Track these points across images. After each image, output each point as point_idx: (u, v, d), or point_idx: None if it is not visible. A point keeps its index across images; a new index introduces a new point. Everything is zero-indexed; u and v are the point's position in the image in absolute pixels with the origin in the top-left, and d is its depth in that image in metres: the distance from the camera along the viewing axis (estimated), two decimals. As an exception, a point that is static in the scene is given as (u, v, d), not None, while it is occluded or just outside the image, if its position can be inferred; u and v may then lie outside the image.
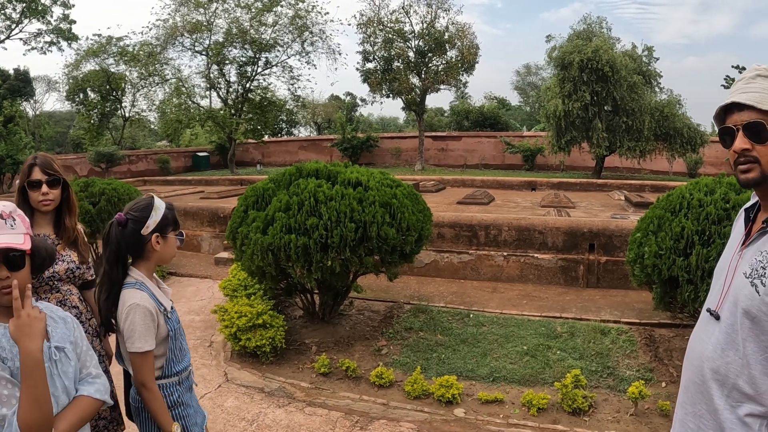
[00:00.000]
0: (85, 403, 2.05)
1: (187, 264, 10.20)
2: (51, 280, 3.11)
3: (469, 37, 29.34)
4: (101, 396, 2.11)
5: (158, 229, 2.57)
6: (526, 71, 62.93)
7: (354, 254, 5.52)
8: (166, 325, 2.57)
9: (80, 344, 2.15)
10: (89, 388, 2.08)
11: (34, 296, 3.04)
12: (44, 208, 3.14)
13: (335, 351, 6.02)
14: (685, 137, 23.14)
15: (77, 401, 2.03)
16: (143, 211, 2.57)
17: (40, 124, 48.64)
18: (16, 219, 2.00)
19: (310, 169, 6.15)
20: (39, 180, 3.10)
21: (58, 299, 3.15)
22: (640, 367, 5.48)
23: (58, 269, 3.13)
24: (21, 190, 3.13)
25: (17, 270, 1.94)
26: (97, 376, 2.15)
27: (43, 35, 33.77)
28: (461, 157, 32.90)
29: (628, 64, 22.74)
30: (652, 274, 5.09)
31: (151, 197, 2.65)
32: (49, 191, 3.12)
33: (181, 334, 2.71)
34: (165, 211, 2.61)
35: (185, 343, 2.77)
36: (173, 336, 2.61)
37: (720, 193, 4.94)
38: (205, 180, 22.68)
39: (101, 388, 2.12)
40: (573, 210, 12.57)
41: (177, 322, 2.69)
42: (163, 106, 31.33)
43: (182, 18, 28.91)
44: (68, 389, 2.00)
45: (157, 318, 2.52)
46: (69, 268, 3.18)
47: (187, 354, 2.76)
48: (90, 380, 2.12)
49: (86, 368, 2.13)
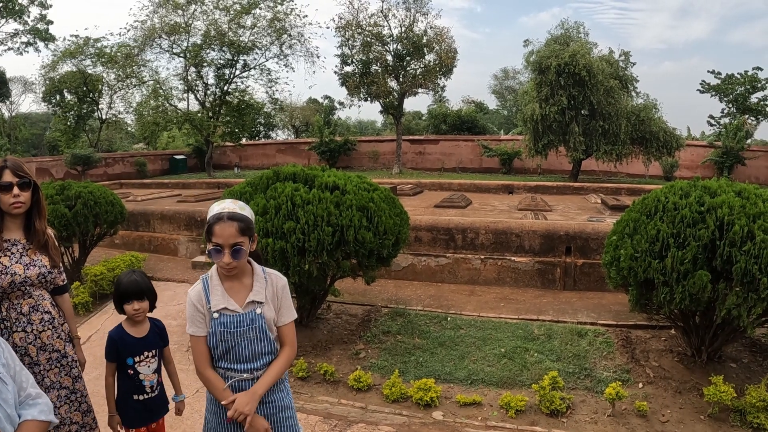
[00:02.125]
0: (32, 428, 1.96)
1: (164, 268, 10.12)
2: (23, 286, 3.07)
3: (447, 41, 29.49)
4: (46, 417, 2.03)
5: (204, 234, 2.71)
6: (503, 75, 63.36)
7: (331, 258, 5.51)
8: (210, 322, 2.67)
9: (12, 364, 2.05)
10: (32, 410, 1.99)
11: (6, 302, 3.01)
12: (15, 210, 3.08)
13: (313, 355, 6.01)
14: (661, 141, 23.37)
15: (23, 428, 1.93)
16: None
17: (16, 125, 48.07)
18: None
19: (287, 172, 6.13)
20: (10, 182, 3.04)
21: (30, 305, 3.11)
22: (617, 368, 5.53)
23: (30, 274, 3.09)
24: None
25: None
26: (37, 396, 2.07)
27: (20, 35, 33.52)
28: (439, 161, 32.96)
29: (605, 68, 22.94)
30: (628, 276, 5.13)
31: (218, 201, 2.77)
32: (20, 193, 3.07)
33: (238, 341, 2.69)
34: (209, 217, 2.67)
35: (247, 353, 2.71)
36: (213, 334, 2.67)
37: (695, 197, 5.00)
38: (182, 183, 22.52)
39: (45, 408, 2.03)
40: (550, 213, 12.63)
41: (231, 326, 2.67)
42: (140, 108, 31.02)
43: (160, 19, 28.66)
44: (11, 416, 1.89)
45: (203, 311, 2.66)
46: (41, 273, 3.14)
47: (247, 363, 2.72)
48: (31, 402, 2.02)
49: (24, 390, 2.03)
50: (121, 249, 11.35)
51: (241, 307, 2.68)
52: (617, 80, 23.56)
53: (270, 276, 2.81)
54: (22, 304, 3.07)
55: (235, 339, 2.66)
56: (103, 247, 10.92)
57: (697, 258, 4.64)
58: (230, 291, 2.68)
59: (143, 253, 10.19)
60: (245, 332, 2.67)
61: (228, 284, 2.69)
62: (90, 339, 6.59)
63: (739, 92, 36.52)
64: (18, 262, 3.06)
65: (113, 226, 9.34)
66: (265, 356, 2.75)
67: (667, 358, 5.73)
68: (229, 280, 2.70)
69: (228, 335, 2.65)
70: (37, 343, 3.08)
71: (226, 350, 2.67)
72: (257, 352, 2.72)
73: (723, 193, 4.99)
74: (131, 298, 3.35)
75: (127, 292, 3.35)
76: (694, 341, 5.53)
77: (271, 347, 2.77)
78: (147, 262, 9.97)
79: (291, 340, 2.84)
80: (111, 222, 9.09)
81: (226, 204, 2.69)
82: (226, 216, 2.62)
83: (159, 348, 3.50)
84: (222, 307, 2.65)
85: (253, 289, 2.73)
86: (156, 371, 3.43)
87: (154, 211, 12.01)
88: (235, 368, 2.69)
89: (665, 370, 5.46)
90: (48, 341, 3.15)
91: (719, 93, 37.77)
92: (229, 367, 2.69)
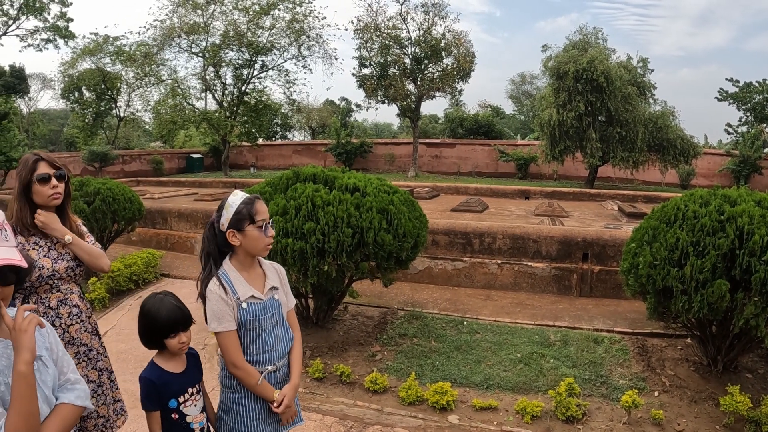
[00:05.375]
0: (66, 411, 1.98)
1: (180, 266, 10.18)
2: (51, 279, 3.10)
3: (465, 45, 29.49)
4: (82, 402, 2.04)
5: (232, 225, 2.68)
6: (521, 80, 63.21)
7: (350, 260, 5.53)
8: (237, 314, 2.69)
9: (55, 349, 2.08)
10: (69, 395, 2.01)
11: (34, 296, 3.05)
12: (54, 202, 3.13)
13: (329, 356, 6.03)
14: (678, 149, 23.29)
15: (59, 410, 1.96)
16: (218, 210, 2.75)
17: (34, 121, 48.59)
18: (7, 230, 1.94)
19: (307, 173, 6.15)
20: (48, 174, 3.09)
21: (59, 299, 3.14)
22: (633, 376, 5.51)
23: (59, 267, 3.12)
24: (25, 186, 3.09)
25: (7, 285, 1.89)
26: (76, 381, 2.09)
27: (40, 33, 33.78)
28: (455, 165, 32.96)
29: (623, 75, 22.88)
30: (647, 284, 5.12)
31: (229, 195, 2.78)
32: (58, 185, 3.12)
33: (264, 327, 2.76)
34: (239, 206, 2.69)
35: (271, 340, 2.80)
36: (243, 324, 2.70)
37: (715, 205, 4.98)
38: (198, 182, 22.64)
39: (81, 394, 2.05)
40: (566, 219, 12.61)
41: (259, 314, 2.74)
42: (158, 106, 31.25)
43: (179, 19, 28.92)
44: (48, 398, 1.93)
45: (231, 303, 2.67)
46: (69, 266, 3.17)
47: (271, 352, 2.80)
48: (69, 387, 2.05)
49: (64, 374, 2.06)
50: (137, 246, 11.44)
51: (263, 294, 2.77)
52: (635, 87, 23.51)
53: (273, 264, 2.96)
54: (50, 298, 3.11)
55: (263, 326, 2.74)
56: (120, 243, 11.01)
57: (716, 267, 4.63)
58: (249, 281, 2.76)
59: (160, 251, 10.26)
60: (269, 319, 2.77)
61: (245, 275, 2.76)
62: (106, 335, 6.64)
63: (757, 101, 36.17)
64: (46, 256, 3.09)
65: (131, 223, 9.42)
66: (285, 342, 2.85)
67: (683, 367, 5.72)
68: (246, 270, 2.77)
69: (257, 323, 2.72)
70: (65, 337, 3.12)
71: (252, 340, 2.73)
72: (279, 338, 2.81)
73: (743, 202, 4.97)
74: (178, 330, 2.79)
75: (174, 322, 2.78)
76: (711, 351, 5.51)
77: (288, 333, 2.88)
78: (163, 259, 10.04)
79: (296, 324, 2.99)
80: (129, 219, 9.16)
81: (241, 192, 2.80)
82: (255, 197, 2.74)
83: (199, 381, 2.94)
84: (249, 295, 2.71)
85: (267, 276, 2.84)
86: (203, 409, 2.90)
87: (171, 209, 12.08)
88: (258, 359, 2.75)
89: (681, 379, 5.44)
90: (76, 335, 3.19)
91: (737, 101, 37.46)
92: (252, 359, 2.75)
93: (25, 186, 3.09)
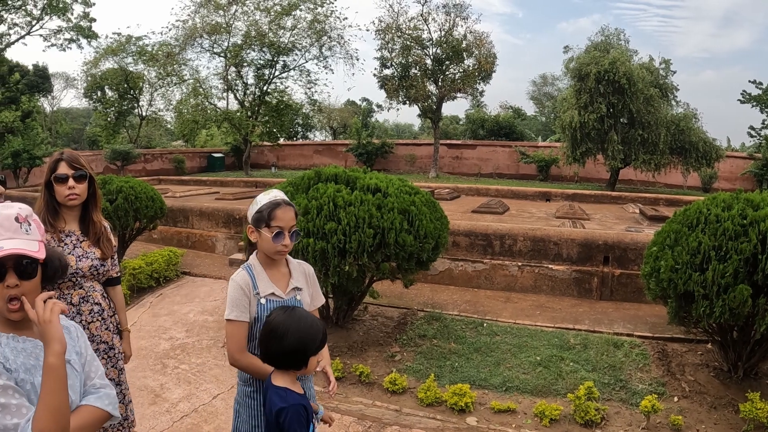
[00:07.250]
0: (87, 412, 1.89)
1: (201, 264, 10.26)
2: (74, 277, 3.13)
3: (486, 46, 29.41)
4: (102, 405, 1.94)
5: (252, 221, 2.76)
6: (542, 81, 62.87)
7: (371, 260, 5.55)
8: (256, 308, 2.71)
9: (84, 354, 2.04)
10: (91, 397, 1.94)
11: (56, 292, 3.10)
12: (71, 202, 3.15)
13: (348, 356, 6.06)
14: (700, 151, 23.05)
15: (79, 410, 1.87)
16: (250, 205, 2.82)
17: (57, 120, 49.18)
18: (32, 224, 1.89)
19: (329, 173, 6.18)
20: (66, 174, 3.11)
21: (81, 296, 3.17)
22: (653, 381, 5.49)
23: (82, 266, 3.16)
24: (47, 185, 3.15)
25: (28, 279, 1.83)
26: (101, 386, 2.02)
27: (63, 32, 34.02)
28: (475, 166, 32.89)
29: (645, 76, 22.69)
30: (668, 288, 5.09)
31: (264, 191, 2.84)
32: (75, 185, 3.14)
33: None
34: (263, 206, 2.74)
35: None
36: (259, 320, 2.70)
37: (737, 209, 4.94)
38: (220, 181, 22.81)
39: (104, 398, 1.97)
40: (587, 222, 12.56)
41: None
42: (180, 106, 31.52)
43: (201, 19, 29.16)
44: (74, 403, 1.85)
45: (249, 296, 2.70)
46: (92, 265, 3.20)
47: None
48: (94, 391, 1.98)
49: (90, 380, 2.01)
50: (159, 244, 11.53)
51: (285, 293, 2.79)
52: (657, 88, 23.30)
53: (301, 264, 2.98)
54: (72, 294, 3.15)
55: None
56: (141, 241, 11.11)
57: (738, 272, 4.60)
58: (272, 278, 2.78)
59: (181, 249, 10.34)
60: None
61: (269, 272, 2.78)
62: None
63: (781, 103, 35.74)
64: (71, 254, 3.13)
65: (153, 221, 9.51)
66: None
67: (703, 372, 5.68)
68: (270, 267, 2.80)
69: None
70: (85, 334, 3.17)
71: None
72: None
73: (766, 206, 4.93)
74: (320, 348, 2.47)
75: (319, 341, 2.44)
76: (731, 356, 5.47)
77: None
78: (184, 257, 10.13)
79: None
80: (151, 217, 9.26)
81: (276, 192, 2.81)
82: (284, 201, 2.76)
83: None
84: (270, 292, 2.74)
85: (292, 276, 2.86)
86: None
87: (193, 207, 12.18)
88: None
89: (701, 385, 5.41)
90: (96, 332, 3.22)
91: (760, 104, 36.92)
92: None
93: (46, 184, 3.16)
